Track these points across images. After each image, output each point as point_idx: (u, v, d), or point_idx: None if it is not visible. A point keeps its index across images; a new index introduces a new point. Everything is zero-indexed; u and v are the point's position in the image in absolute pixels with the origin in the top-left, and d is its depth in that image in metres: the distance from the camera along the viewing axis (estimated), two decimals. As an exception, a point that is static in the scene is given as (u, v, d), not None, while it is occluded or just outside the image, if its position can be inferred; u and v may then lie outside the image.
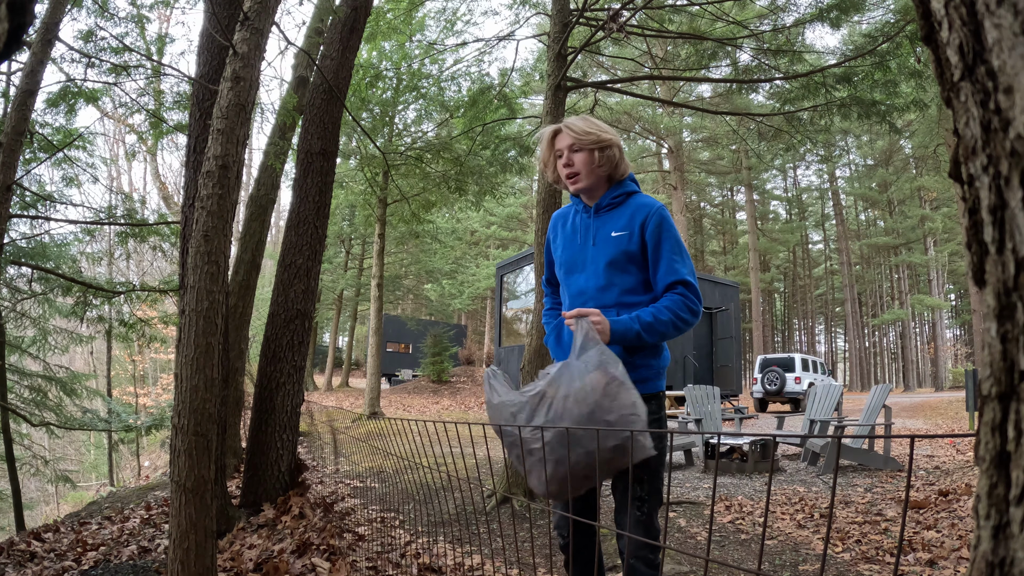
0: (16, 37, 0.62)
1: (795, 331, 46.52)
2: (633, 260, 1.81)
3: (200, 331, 2.11)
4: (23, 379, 7.75)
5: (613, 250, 1.81)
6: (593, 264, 1.84)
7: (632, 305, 1.79)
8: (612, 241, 1.82)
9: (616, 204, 1.87)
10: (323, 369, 25.14)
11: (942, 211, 32.54)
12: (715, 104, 18.49)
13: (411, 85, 10.65)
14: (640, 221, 1.81)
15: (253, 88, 2.33)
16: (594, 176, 1.86)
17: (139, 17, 7.23)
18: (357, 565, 3.01)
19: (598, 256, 1.84)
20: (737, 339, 14.46)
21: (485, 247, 32.82)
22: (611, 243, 1.82)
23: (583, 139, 1.84)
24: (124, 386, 20.78)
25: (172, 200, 20.39)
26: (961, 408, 14.23)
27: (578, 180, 1.87)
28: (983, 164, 0.47)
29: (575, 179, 1.87)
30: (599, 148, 1.84)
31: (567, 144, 1.87)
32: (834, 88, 5.57)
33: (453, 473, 5.12)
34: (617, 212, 1.86)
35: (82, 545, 3.68)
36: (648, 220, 1.80)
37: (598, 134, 1.84)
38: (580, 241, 1.90)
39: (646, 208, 1.82)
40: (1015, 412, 0.43)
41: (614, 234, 1.83)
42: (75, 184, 7.01)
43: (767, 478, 3.97)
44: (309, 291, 4.22)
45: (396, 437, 3.02)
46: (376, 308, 12.85)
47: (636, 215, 1.82)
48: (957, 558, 3.22)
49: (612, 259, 1.80)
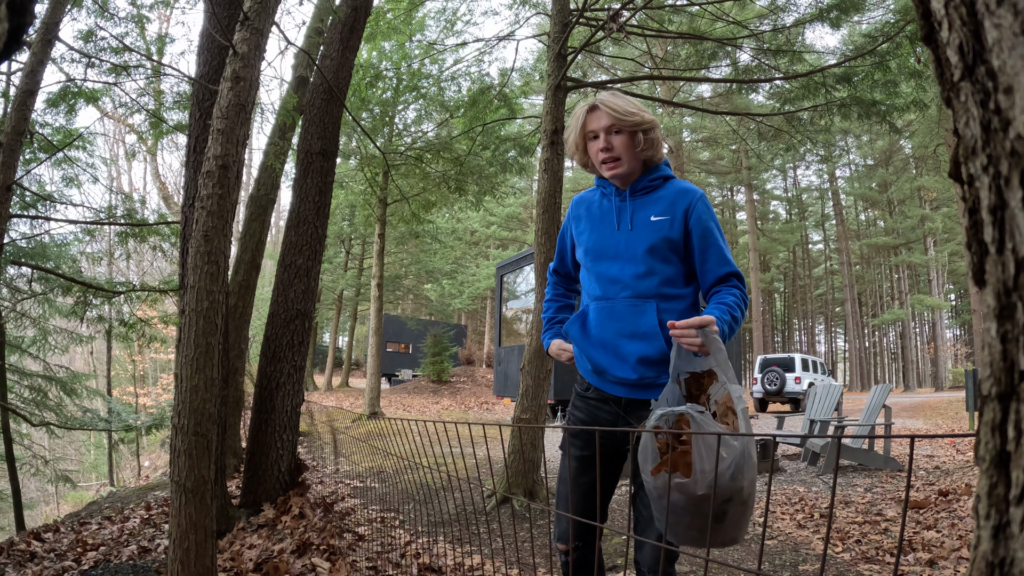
0: (16, 37, 0.62)
1: (795, 331, 46.53)
2: (675, 248, 1.65)
3: (200, 331, 2.11)
4: (23, 379, 7.75)
5: (653, 236, 1.65)
6: (629, 250, 1.67)
7: (672, 297, 1.65)
8: (652, 226, 1.66)
9: (653, 187, 1.72)
10: (323, 369, 25.14)
11: (942, 211, 32.55)
12: (715, 104, 18.49)
13: (411, 85, 10.65)
14: (684, 208, 1.66)
15: (253, 88, 2.33)
16: (635, 161, 1.70)
17: (139, 17, 7.23)
18: (357, 565, 3.01)
19: (635, 241, 1.67)
20: (737, 339, 14.46)
21: (485, 247, 32.83)
22: (651, 228, 1.66)
23: (625, 120, 1.66)
24: (124, 386, 20.79)
25: (172, 200, 20.39)
26: (961, 408, 14.22)
27: (618, 165, 1.68)
28: (983, 164, 0.47)
29: (615, 164, 1.68)
30: (642, 130, 1.68)
31: (604, 125, 1.67)
32: (834, 88, 5.57)
33: (453, 473, 5.11)
34: (655, 196, 1.70)
35: (82, 545, 3.68)
36: (692, 207, 1.66)
37: (640, 115, 1.67)
38: (612, 225, 1.72)
39: (689, 194, 1.68)
40: (1015, 412, 0.43)
41: (654, 219, 1.67)
42: (75, 184, 7.01)
43: (767, 478, 3.96)
44: (309, 291, 4.23)
45: (396, 437, 3.02)
46: (376, 308, 12.84)
47: (678, 201, 1.67)
48: (957, 558, 3.22)
49: (652, 245, 1.64)
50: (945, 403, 17.00)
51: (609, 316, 1.68)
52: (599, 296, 1.71)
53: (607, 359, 1.67)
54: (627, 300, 1.66)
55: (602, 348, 1.68)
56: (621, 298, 1.67)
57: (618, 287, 1.67)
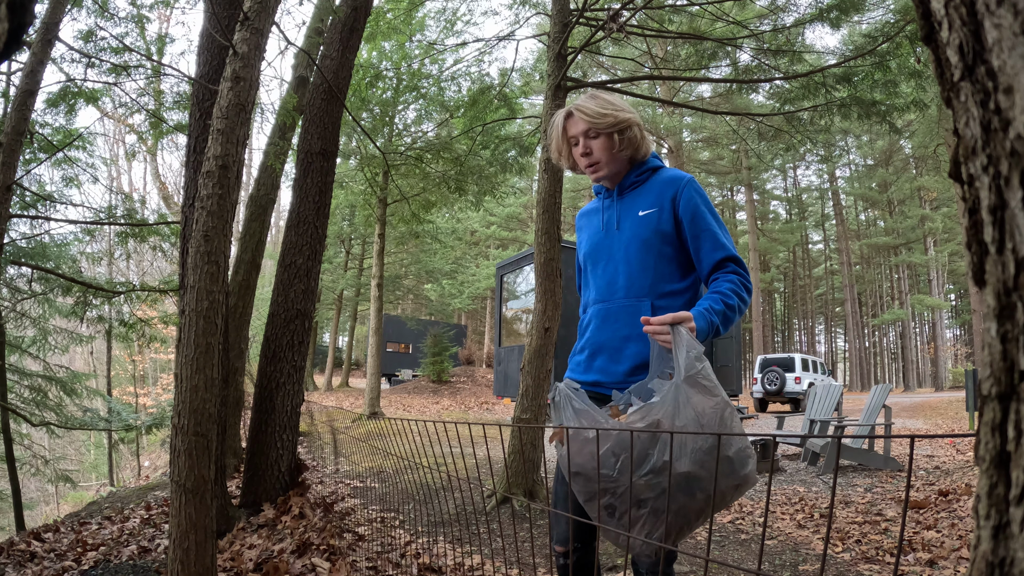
0: (16, 37, 0.62)
1: (795, 331, 46.53)
2: (668, 241, 1.60)
3: (200, 331, 2.11)
4: (23, 379, 7.75)
5: (643, 231, 1.61)
6: (622, 249, 1.64)
7: (668, 294, 1.60)
8: (640, 221, 1.62)
9: (641, 182, 1.69)
10: (323, 369, 25.14)
11: (942, 211, 32.56)
12: (715, 104, 18.49)
13: (411, 85, 10.65)
14: (671, 195, 1.61)
15: (253, 88, 2.33)
16: (616, 163, 1.68)
17: (139, 17, 7.23)
18: (357, 565, 3.01)
19: (626, 241, 1.64)
20: (737, 339, 14.45)
21: (485, 247, 32.84)
22: (639, 224, 1.62)
23: (599, 123, 1.63)
24: (124, 386, 20.79)
25: (172, 200, 20.40)
26: (961, 408, 14.23)
27: (599, 168, 1.68)
28: (983, 164, 0.47)
29: (595, 167, 1.68)
30: (618, 130, 1.64)
31: (581, 130, 1.66)
32: (834, 88, 5.57)
33: (453, 473, 5.12)
34: (643, 190, 1.67)
35: (82, 545, 3.68)
36: (680, 193, 1.61)
37: (615, 114, 1.64)
38: (604, 228, 1.71)
39: (676, 181, 1.63)
40: (1015, 412, 0.43)
41: (641, 213, 1.63)
42: (75, 184, 7.02)
43: (767, 478, 3.96)
44: (309, 291, 4.23)
45: (396, 437, 3.02)
46: (376, 308, 12.84)
47: (665, 190, 1.63)
48: (957, 558, 3.22)
49: (644, 241, 1.61)
50: (945, 403, 17.00)
51: (606, 319, 1.66)
52: (596, 299, 1.70)
53: (604, 362, 1.66)
54: (622, 301, 1.64)
55: (601, 351, 1.67)
56: (617, 299, 1.65)
57: (613, 289, 1.65)
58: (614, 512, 1.26)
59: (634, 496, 1.23)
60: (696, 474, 1.21)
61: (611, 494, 1.25)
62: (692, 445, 1.22)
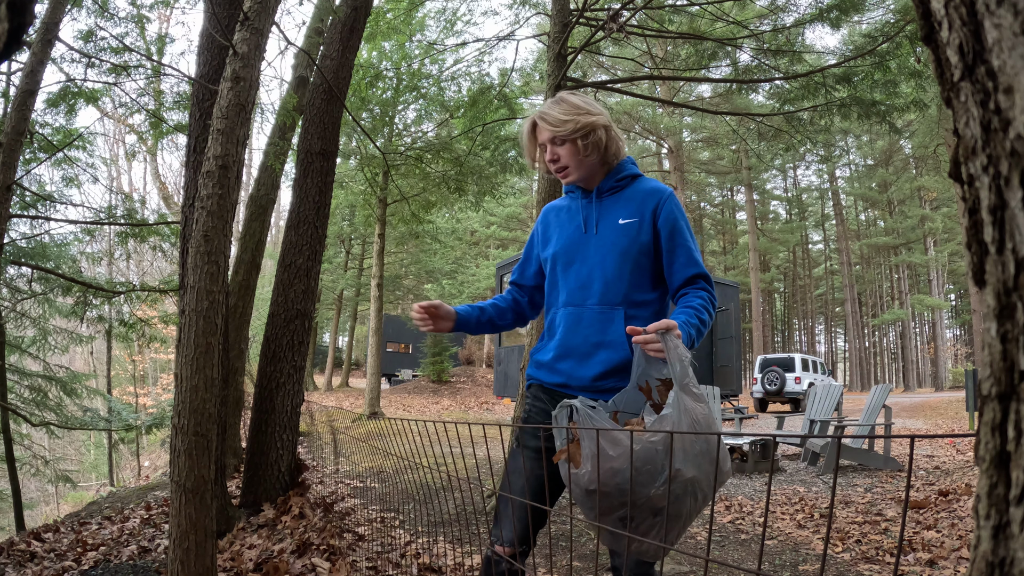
0: (16, 37, 0.62)
1: (795, 331, 46.53)
2: (644, 251, 1.63)
3: (200, 331, 2.11)
4: (23, 379, 7.75)
5: (623, 240, 1.63)
6: (598, 254, 1.64)
7: (639, 303, 1.62)
8: (620, 229, 1.64)
9: (620, 187, 1.69)
10: (323, 369, 25.14)
11: (942, 211, 32.57)
12: (715, 104, 18.49)
13: (411, 85, 10.65)
14: (652, 207, 1.64)
15: (253, 88, 2.33)
16: (585, 167, 1.68)
17: (139, 17, 7.23)
18: (357, 565, 3.01)
19: (604, 245, 1.64)
20: (737, 339, 14.46)
21: (485, 247, 32.82)
22: (619, 232, 1.64)
23: (560, 130, 1.64)
24: (124, 386, 20.79)
25: (172, 200, 20.40)
26: (961, 408, 14.23)
27: (568, 173, 1.69)
28: (983, 164, 0.47)
29: (565, 172, 1.69)
30: (581, 136, 1.64)
31: (547, 138, 1.68)
32: (834, 88, 5.56)
33: (453, 473, 5.11)
34: (623, 197, 1.68)
35: (82, 545, 3.68)
36: (661, 206, 1.64)
37: (576, 119, 1.63)
38: (580, 229, 1.70)
39: (657, 194, 1.66)
40: (1015, 412, 0.43)
41: (622, 222, 1.64)
42: (75, 184, 7.01)
43: (767, 478, 3.96)
44: (309, 291, 4.23)
45: (396, 437, 3.02)
46: (376, 308, 12.85)
47: (647, 201, 1.65)
48: (957, 558, 3.22)
49: (622, 250, 1.62)
50: (945, 403, 17.01)
51: (578, 323, 1.64)
52: (566, 302, 1.68)
53: (571, 366, 1.64)
54: (595, 307, 1.63)
55: (570, 355, 1.64)
56: (589, 305, 1.63)
57: (586, 293, 1.64)
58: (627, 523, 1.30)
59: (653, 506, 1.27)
60: (697, 477, 1.28)
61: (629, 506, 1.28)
62: (692, 450, 1.28)
